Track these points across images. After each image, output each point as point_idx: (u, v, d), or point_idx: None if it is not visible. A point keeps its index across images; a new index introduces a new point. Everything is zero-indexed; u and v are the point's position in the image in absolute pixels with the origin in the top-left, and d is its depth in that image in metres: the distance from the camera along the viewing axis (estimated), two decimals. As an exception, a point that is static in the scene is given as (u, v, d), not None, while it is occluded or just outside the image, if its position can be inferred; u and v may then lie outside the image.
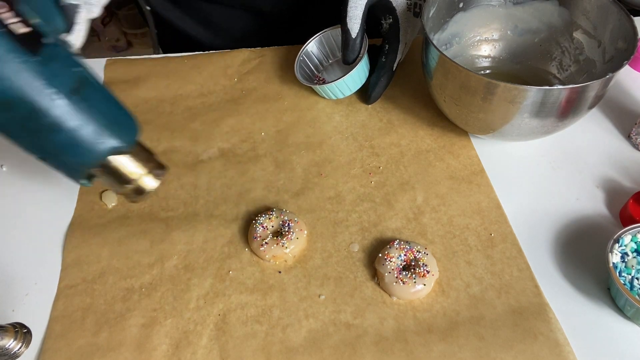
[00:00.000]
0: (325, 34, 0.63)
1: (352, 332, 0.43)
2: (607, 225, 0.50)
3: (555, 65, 0.61)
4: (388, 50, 0.59)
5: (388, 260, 0.45)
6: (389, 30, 0.58)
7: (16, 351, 0.42)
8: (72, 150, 0.33)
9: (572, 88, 0.45)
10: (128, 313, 0.45)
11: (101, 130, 0.33)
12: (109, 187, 0.39)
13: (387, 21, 0.58)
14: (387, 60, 0.59)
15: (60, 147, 0.33)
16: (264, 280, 0.47)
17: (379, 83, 0.60)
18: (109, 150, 0.34)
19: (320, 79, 0.64)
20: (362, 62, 0.57)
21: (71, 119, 0.32)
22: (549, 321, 0.43)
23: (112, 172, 0.36)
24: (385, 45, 0.59)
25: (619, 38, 0.52)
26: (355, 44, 0.55)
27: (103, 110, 0.34)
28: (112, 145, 0.34)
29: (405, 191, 0.53)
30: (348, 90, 0.59)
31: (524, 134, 0.51)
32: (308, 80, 0.62)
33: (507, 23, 0.63)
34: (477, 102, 0.49)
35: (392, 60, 0.59)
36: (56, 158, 0.34)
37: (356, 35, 0.54)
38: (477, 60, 0.65)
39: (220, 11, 0.74)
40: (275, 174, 0.55)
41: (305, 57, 0.63)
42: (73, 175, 0.36)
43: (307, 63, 0.64)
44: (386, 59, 0.59)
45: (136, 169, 0.36)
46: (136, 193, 0.38)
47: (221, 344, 0.43)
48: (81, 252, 0.49)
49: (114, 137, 0.34)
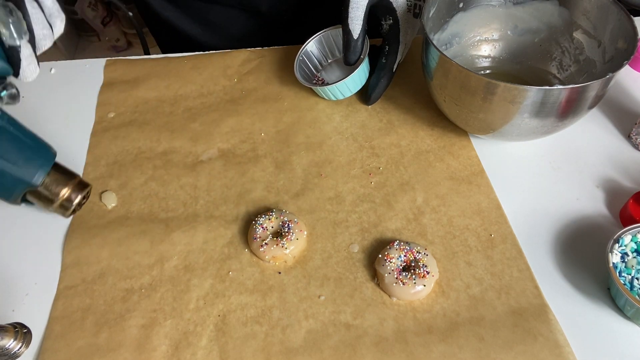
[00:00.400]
0: (324, 34, 0.63)
1: (352, 332, 0.43)
2: (607, 225, 0.50)
3: (555, 65, 0.61)
4: (388, 51, 0.59)
5: (388, 261, 0.45)
6: (389, 31, 0.58)
7: (16, 351, 0.42)
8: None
9: (572, 88, 0.45)
10: (128, 314, 0.45)
11: (13, 169, 0.41)
12: (39, 207, 0.46)
13: (387, 22, 0.58)
14: (387, 61, 0.59)
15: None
16: (264, 281, 0.47)
17: (379, 84, 0.60)
18: (23, 188, 0.42)
19: (319, 79, 0.64)
20: (363, 64, 0.58)
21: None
22: (549, 322, 0.43)
23: (36, 198, 0.44)
24: (386, 47, 0.59)
25: (619, 38, 0.52)
26: (357, 45, 0.55)
27: (11, 152, 0.41)
28: (26, 180, 0.42)
29: (405, 192, 0.53)
30: (348, 92, 0.59)
31: (524, 134, 0.51)
32: (307, 80, 0.62)
33: (507, 23, 0.63)
34: (477, 102, 0.49)
35: (393, 62, 0.59)
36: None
37: (358, 36, 0.54)
38: (477, 60, 0.64)
39: (218, 11, 0.74)
40: (275, 174, 0.55)
41: (304, 57, 0.63)
42: (9, 201, 0.43)
43: (307, 63, 0.64)
44: (386, 60, 0.59)
45: (55, 191, 0.44)
46: (63, 210, 0.45)
47: (221, 344, 0.43)
48: (81, 253, 0.49)
49: (25, 173, 0.42)
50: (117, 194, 0.54)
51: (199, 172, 0.56)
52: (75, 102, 0.64)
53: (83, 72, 0.67)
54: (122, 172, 0.56)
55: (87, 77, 0.67)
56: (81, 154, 0.58)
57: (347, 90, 0.59)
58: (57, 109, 0.63)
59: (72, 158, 0.57)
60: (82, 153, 0.58)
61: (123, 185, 0.54)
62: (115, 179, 0.55)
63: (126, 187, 0.54)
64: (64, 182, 0.44)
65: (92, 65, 0.68)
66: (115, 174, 0.56)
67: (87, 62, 0.69)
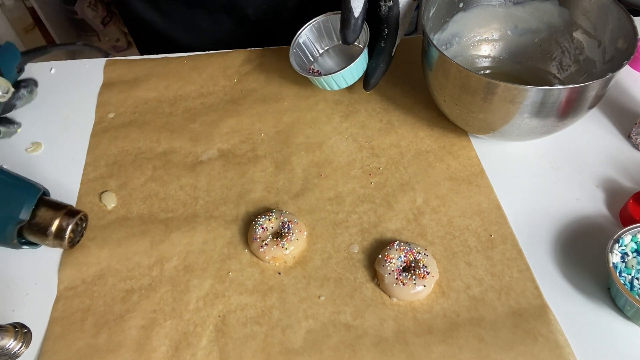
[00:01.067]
0: (315, 23, 0.62)
1: (351, 333, 0.43)
2: (607, 225, 0.50)
3: (555, 65, 0.61)
4: (387, 34, 0.57)
5: (388, 262, 0.45)
6: (389, 13, 0.55)
7: (16, 351, 0.42)
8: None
9: (572, 88, 0.45)
10: (127, 314, 0.45)
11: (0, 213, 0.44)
12: (40, 243, 0.48)
13: (387, 4, 0.55)
14: (386, 45, 0.57)
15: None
16: (264, 281, 0.47)
17: (378, 69, 0.58)
18: (13, 225, 0.44)
19: (314, 71, 0.63)
20: (362, 54, 0.56)
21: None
22: (549, 322, 0.43)
23: (31, 234, 0.46)
24: (385, 30, 0.57)
25: (619, 38, 0.52)
26: (357, 23, 0.52)
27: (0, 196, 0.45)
28: (13, 216, 0.44)
29: (405, 192, 0.53)
30: (344, 83, 0.58)
31: (524, 133, 0.51)
32: (304, 70, 0.61)
33: (507, 23, 0.62)
34: (477, 102, 0.49)
35: (392, 45, 0.57)
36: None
37: (359, 15, 0.52)
38: (477, 60, 0.64)
39: (204, 15, 0.73)
40: (275, 175, 0.55)
41: (297, 49, 0.62)
42: (8, 244, 0.46)
43: (300, 55, 0.63)
44: (385, 44, 0.57)
45: (45, 223, 0.46)
46: (60, 241, 0.46)
47: (221, 345, 0.43)
48: (80, 254, 0.49)
49: (12, 210, 0.44)
50: (116, 195, 0.54)
51: (199, 172, 0.56)
52: (75, 102, 0.64)
53: (83, 72, 0.67)
54: (122, 173, 0.56)
55: (87, 77, 0.67)
56: (81, 154, 0.58)
57: (344, 81, 0.58)
58: (57, 109, 0.63)
59: (72, 158, 0.57)
60: (82, 153, 0.58)
61: (123, 186, 0.54)
62: (115, 180, 0.55)
63: (126, 188, 0.54)
64: (53, 213, 0.46)
65: (92, 65, 0.68)
66: (115, 174, 0.56)
67: (87, 62, 0.69)
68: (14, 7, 1.64)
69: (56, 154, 0.58)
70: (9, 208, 0.45)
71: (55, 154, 0.58)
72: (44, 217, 0.46)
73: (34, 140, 0.59)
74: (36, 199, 0.46)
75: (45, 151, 0.59)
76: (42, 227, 0.46)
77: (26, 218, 0.45)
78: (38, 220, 0.46)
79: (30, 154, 0.58)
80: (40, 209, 0.46)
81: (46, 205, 0.47)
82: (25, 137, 0.60)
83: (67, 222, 0.46)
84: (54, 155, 0.58)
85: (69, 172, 0.56)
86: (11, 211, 0.44)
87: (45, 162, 0.57)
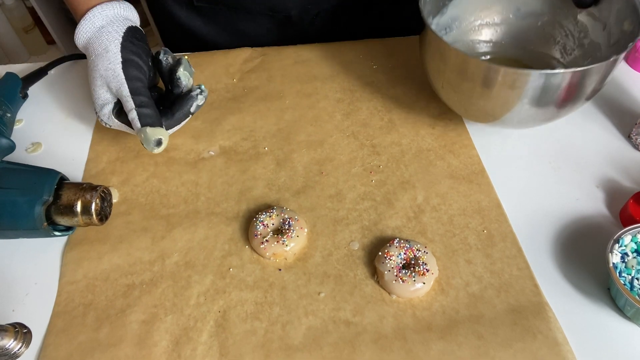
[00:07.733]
0: None
1: (351, 329, 0.43)
2: (607, 225, 0.50)
3: (559, 49, 0.59)
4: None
5: (388, 259, 0.45)
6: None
7: (16, 351, 0.42)
8: (10, 219, 0.46)
9: (574, 72, 0.44)
10: (129, 309, 0.45)
11: (23, 194, 0.46)
12: (71, 224, 0.48)
13: None
14: None
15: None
16: (264, 277, 0.47)
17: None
18: (39, 205, 0.46)
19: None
20: None
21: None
22: (548, 320, 0.43)
23: (60, 214, 0.47)
24: None
25: (625, 20, 0.50)
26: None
27: (16, 181, 0.47)
28: (37, 197, 0.46)
29: (406, 190, 0.53)
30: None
31: (524, 121, 0.50)
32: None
33: (509, 6, 0.60)
34: (476, 88, 0.48)
35: None
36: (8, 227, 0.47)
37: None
38: (477, 45, 0.63)
39: (246, 18, 0.72)
40: (276, 172, 0.55)
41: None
42: (38, 229, 0.47)
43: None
44: None
45: (70, 199, 0.47)
46: (88, 216, 0.47)
47: (221, 340, 0.43)
48: (82, 249, 0.49)
49: (35, 192, 0.46)
50: (118, 191, 0.54)
51: (201, 169, 0.56)
52: (75, 102, 0.64)
53: (83, 72, 0.67)
54: (124, 169, 0.56)
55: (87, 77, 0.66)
56: (83, 152, 0.58)
57: None
58: (58, 109, 0.63)
59: (72, 159, 0.58)
60: (84, 151, 0.58)
61: (125, 182, 0.55)
62: (117, 176, 0.55)
63: (128, 184, 0.55)
64: (75, 190, 0.48)
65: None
66: (117, 170, 0.56)
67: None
68: (14, 7, 1.64)
69: (56, 154, 0.58)
70: (33, 191, 0.46)
71: (55, 154, 0.58)
72: (68, 195, 0.47)
73: (34, 141, 0.60)
74: (57, 179, 0.48)
75: (45, 151, 0.59)
76: (68, 206, 0.47)
77: (49, 197, 0.46)
78: (63, 200, 0.47)
79: (30, 154, 0.58)
80: (63, 189, 0.48)
81: (67, 185, 0.48)
82: (25, 137, 0.60)
83: (91, 195, 0.47)
84: (54, 155, 0.58)
85: (69, 172, 0.55)
86: (35, 193, 0.46)
87: (46, 162, 0.56)
